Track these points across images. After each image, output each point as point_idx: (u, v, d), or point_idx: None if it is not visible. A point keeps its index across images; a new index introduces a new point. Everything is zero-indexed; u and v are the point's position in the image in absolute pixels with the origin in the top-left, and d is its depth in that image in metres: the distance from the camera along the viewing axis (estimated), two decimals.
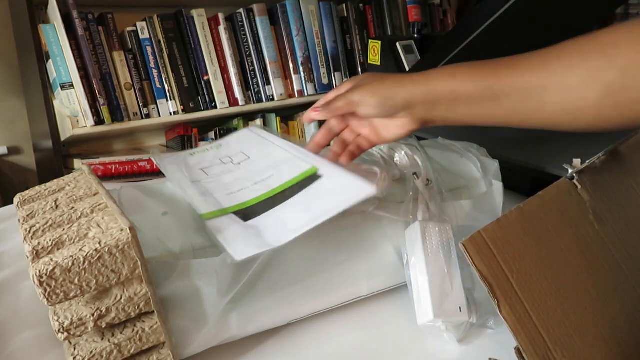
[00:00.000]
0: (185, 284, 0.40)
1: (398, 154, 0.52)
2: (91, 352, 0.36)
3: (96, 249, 0.35)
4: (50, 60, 1.24)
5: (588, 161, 0.45)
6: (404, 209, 0.49)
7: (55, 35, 1.23)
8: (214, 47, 1.45)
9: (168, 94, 1.39)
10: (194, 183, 0.50)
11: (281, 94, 1.54)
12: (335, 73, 1.63)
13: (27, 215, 0.42)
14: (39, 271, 0.33)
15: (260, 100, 1.52)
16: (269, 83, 1.53)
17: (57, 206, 0.42)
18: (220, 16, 1.45)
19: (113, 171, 1.34)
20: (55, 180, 0.47)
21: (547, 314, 0.38)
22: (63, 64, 1.24)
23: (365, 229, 0.48)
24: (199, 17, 1.42)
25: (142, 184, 0.51)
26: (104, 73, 1.30)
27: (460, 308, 0.44)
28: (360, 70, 1.68)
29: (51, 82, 1.26)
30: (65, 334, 0.35)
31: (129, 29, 1.36)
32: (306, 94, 1.59)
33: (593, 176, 0.45)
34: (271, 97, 1.53)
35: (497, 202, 0.54)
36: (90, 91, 1.26)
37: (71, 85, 1.24)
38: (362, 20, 1.69)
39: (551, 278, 0.39)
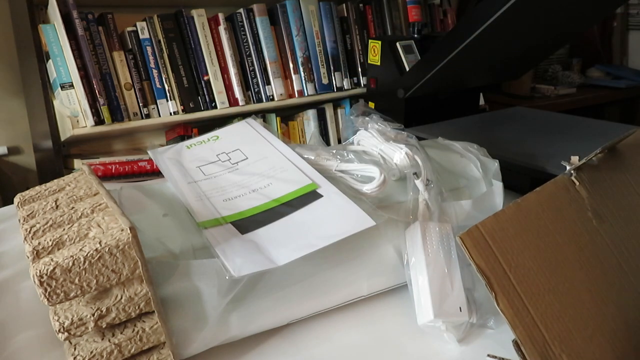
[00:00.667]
0: (185, 284, 0.40)
1: (398, 154, 0.52)
2: (91, 352, 0.36)
3: (96, 249, 0.35)
4: (50, 60, 1.24)
5: (585, 158, 0.45)
6: (404, 209, 0.49)
7: (55, 35, 1.23)
8: (214, 47, 1.45)
9: (168, 94, 1.39)
10: (190, 184, 0.50)
11: (281, 94, 1.54)
12: (335, 73, 1.63)
13: (28, 215, 0.42)
14: (39, 271, 0.33)
15: (260, 100, 1.52)
16: (269, 83, 1.53)
17: (57, 206, 0.42)
18: (220, 16, 1.45)
19: (113, 171, 1.34)
20: (55, 180, 0.47)
21: (545, 309, 0.38)
22: (63, 64, 1.24)
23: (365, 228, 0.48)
24: (199, 17, 1.42)
25: (142, 184, 0.51)
26: (104, 73, 1.30)
27: (460, 308, 0.44)
28: (360, 70, 1.68)
29: (51, 82, 1.26)
30: (66, 334, 0.35)
31: (129, 29, 1.36)
32: (306, 94, 1.59)
33: (591, 173, 0.45)
34: (271, 97, 1.54)
35: (497, 202, 0.54)
36: (90, 91, 1.26)
37: (71, 85, 1.24)
38: (362, 20, 1.69)
39: (549, 273, 0.39)
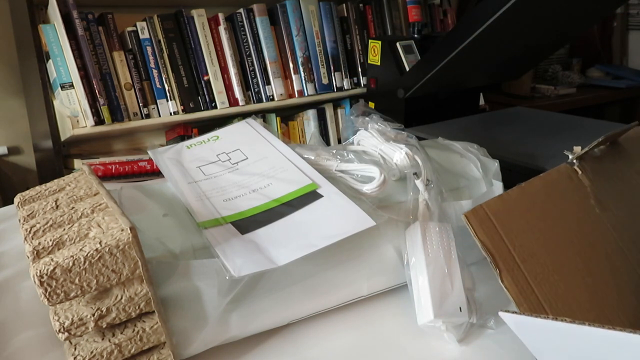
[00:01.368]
0: (185, 284, 0.40)
1: (398, 154, 0.52)
2: (91, 352, 0.36)
3: (97, 249, 0.35)
4: (50, 60, 1.24)
5: (588, 147, 0.46)
6: (404, 209, 0.49)
7: (55, 35, 1.23)
8: (214, 47, 1.45)
9: (168, 94, 1.39)
10: (190, 184, 0.50)
11: (281, 94, 1.54)
12: (335, 73, 1.63)
13: (28, 215, 0.42)
14: (40, 271, 0.33)
15: (260, 100, 1.52)
16: (269, 83, 1.53)
17: (57, 206, 0.42)
18: (220, 16, 1.45)
19: (113, 171, 1.34)
20: (55, 180, 0.47)
21: (549, 288, 0.38)
22: (63, 64, 1.24)
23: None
24: (199, 17, 1.42)
25: (142, 184, 0.51)
26: (104, 73, 1.30)
27: (460, 308, 0.44)
28: (360, 70, 1.68)
29: (51, 82, 1.26)
30: (66, 334, 0.35)
31: (129, 29, 1.36)
32: (306, 94, 1.59)
33: (593, 164, 0.45)
34: (271, 97, 1.54)
35: None
36: (90, 91, 1.26)
37: (71, 85, 1.24)
38: (362, 20, 1.69)
39: (554, 255, 0.39)
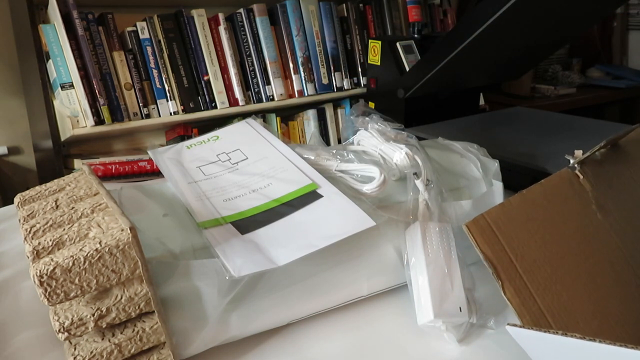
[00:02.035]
0: (185, 284, 0.40)
1: (398, 154, 0.52)
2: (91, 352, 0.36)
3: (96, 249, 0.35)
4: (50, 60, 1.24)
5: (589, 151, 0.45)
6: (404, 209, 0.49)
7: (55, 35, 1.23)
8: (214, 47, 1.45)
9: (168, 94, 1.39)
10: (190, 184, 0.50)
11: (281, 94, 1.54)
12: (335, 73, 1.63)
13: (28, 215, 0.42)
14: (39, 271, 0.33)
15: (260, 100, 1.52)
16: (269, 83, 1.53)
17: (57, 206, 0.42)
18: (220, 16, 1.45)
19: (113, 171, 1.34)
20: (55, 180, 0.47)
21: (551, 299, 0.38)
22: (63, 64, 1.24)
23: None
24: (199, 17, 1.42)
25: (142, 184, 0.51)
26: (104, 73, 1.30)
27: (460, 308, 0.44)
28: (360, 70, 1.68)
29: (51, 82, 1.26)
30: (66, 334, 0.35)
31: (129, 29, 1.36)
32: (306, 94, 1.59)
33: (594, 168, 0.45)
34: (271, 97, 1.54)
35: (498, 202, 0.54)
36: (90, 91, 1.26)
37: (71, 85, 1.24)
38: (362, 20, 1.69)
39: (555, 264, 0.39)
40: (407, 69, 1.08)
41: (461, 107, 1.21)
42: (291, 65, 1.57)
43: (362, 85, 1.67)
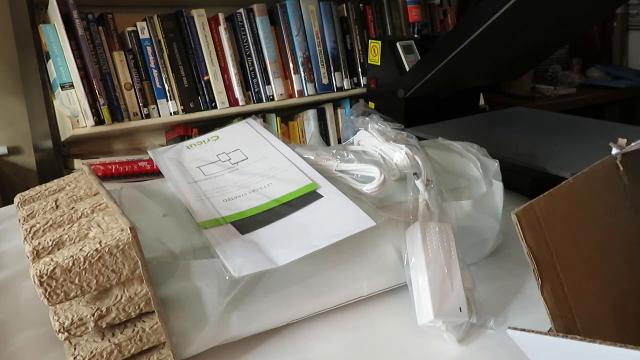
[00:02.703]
0: (185, 284, 0.40)
1: (398, 154, 0.52)
2: (91, 352, 0.36)
3: (96, 249, 0.35)
4: (50, 60, 1.24)
5: (634, 143, 0.43)
6: (404, 209, 0.49)
7: (55, 35, 1.23)
8: (214, 47, 1.45)
9: (168, 94, 1.39)
10: (190, 184, 0.50)
11: (281, 94, 1.54)
12: (335, 73, 1.63)
13: (28, 215, 0.42)
14: (39, 271, 0.33)
15: (260, 100, 1.52)
16: (269, 83, 1.53)
17: (57, 206, 0.42)
18: (220, 16, 1.45)
19: (113, 171, 1.34)
20: (55, 180, 0.47)
21: (582, 301, 0.36)
22: (63, 64, 1.24)
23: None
24: (199, 17, 1.42)
25: (142, 184, 0.51)
26: (104, 73, 1.30)
27: (460, 308, 0.44)
28: (360, 70, 1.68)
29: (51, 82, 1.26)
30: (66, 334, 0.35)
31: (129, 29, 1.36)
32: (306, 94, 1.59)
33: (636, 159, 0.43)
34: (271, 97, 1.54)
35: (497, 202, 0.54)
36: (90, 91, 1.26)
37: (71, 85, 1.24)
38: (362, 20, 1.69)
39: (590, 264, 0.38)
40: (407, 69, 1.08)
41: (461, 107, 1.21)
42: (291, 65, 1.57)
43: (362, 85, 1.67)
